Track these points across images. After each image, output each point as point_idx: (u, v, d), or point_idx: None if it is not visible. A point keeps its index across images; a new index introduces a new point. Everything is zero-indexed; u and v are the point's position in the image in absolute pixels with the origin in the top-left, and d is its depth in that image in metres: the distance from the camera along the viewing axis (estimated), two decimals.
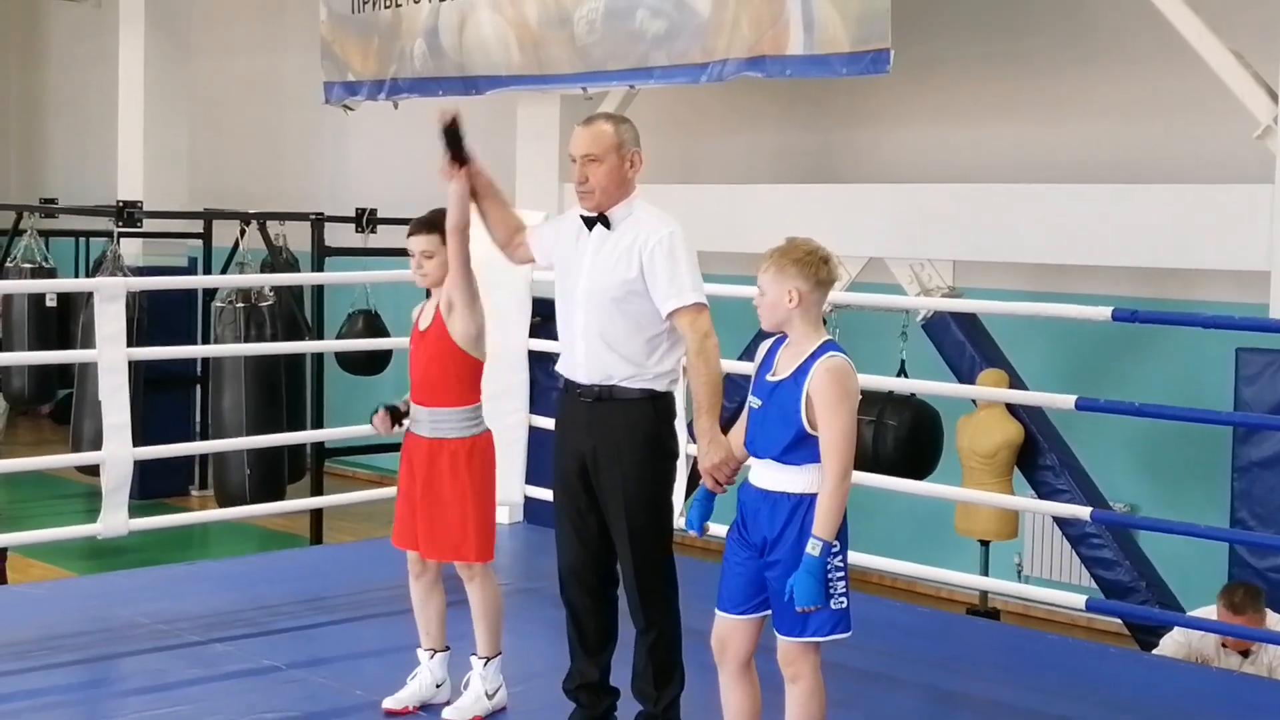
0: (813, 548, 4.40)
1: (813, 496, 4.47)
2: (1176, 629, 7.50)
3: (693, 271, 5.06)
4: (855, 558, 7.52)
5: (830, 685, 6.24)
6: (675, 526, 5.23)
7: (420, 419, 5.41)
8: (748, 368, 9.73)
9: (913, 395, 9.57)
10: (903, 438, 9.55)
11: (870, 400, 9.63)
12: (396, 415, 5.48)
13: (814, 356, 4.54)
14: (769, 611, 4.62)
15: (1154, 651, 7.59)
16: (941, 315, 9.63)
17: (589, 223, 5.12)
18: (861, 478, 7.91)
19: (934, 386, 8.92)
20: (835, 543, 4.44)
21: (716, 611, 4.71)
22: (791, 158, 12.26)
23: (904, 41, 9.15)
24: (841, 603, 4.53)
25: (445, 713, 5.42)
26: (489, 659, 5.48)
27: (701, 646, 4.92)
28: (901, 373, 9.58)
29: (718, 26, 9.87)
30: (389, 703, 5.49)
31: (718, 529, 7.99)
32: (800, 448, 4.49)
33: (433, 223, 5.39)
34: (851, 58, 9.16)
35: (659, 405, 5.10)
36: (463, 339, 5.32)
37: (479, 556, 5.37)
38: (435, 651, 5.56)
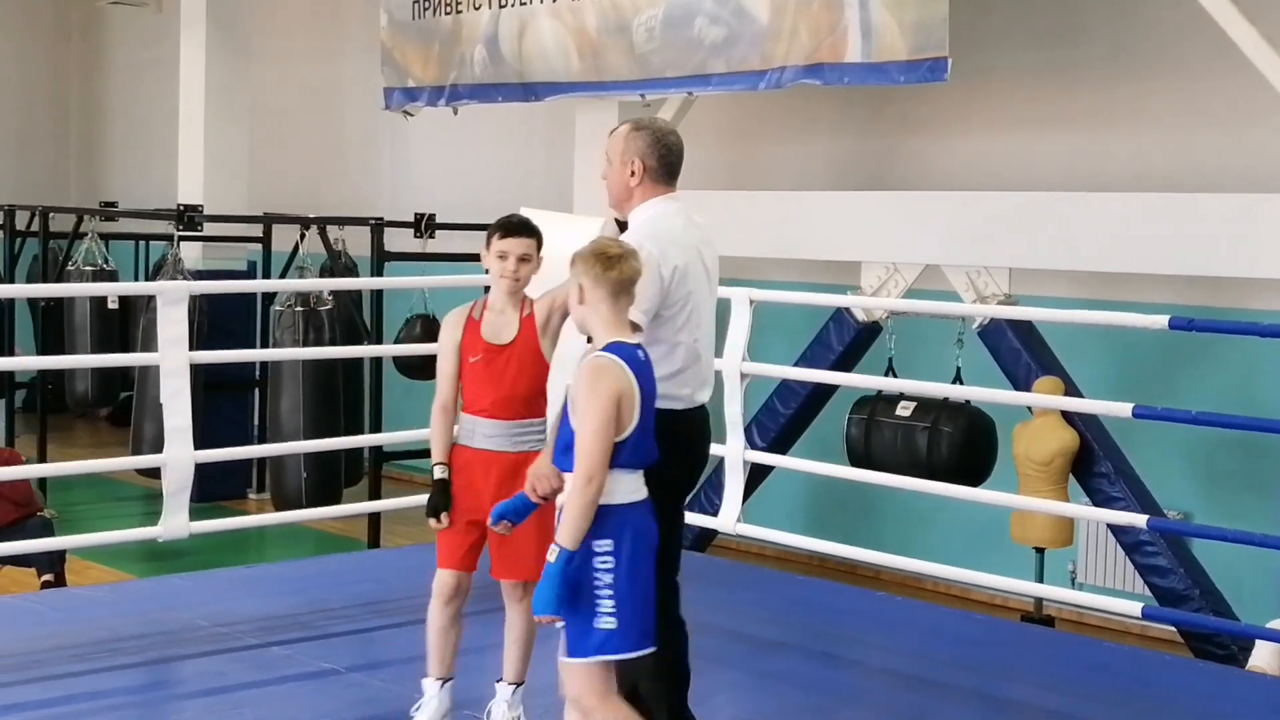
0: (551, 554, 4.26)
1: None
2: (1268, 642, 7.43)
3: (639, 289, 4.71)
4: (910, 564, 7.59)
5: (883, 692, 6.28)
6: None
7: (497, 433, 5.26)
8: (802, 374, 9.78)
9: (968, 402, 9.56)
10: (958, 444, 9.54)
11: (926, 407, 9.65)
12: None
13: None
14: None
15: (1248, 666, 7.50)
16: (997, 322, 9.61)
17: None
18: (917, 484, 7.94)
19: (990, 394, 8.92)
20: (602, 550, 4.29)
21: None
22: (848, 165, 12.26)
23: (961, 50, 9.14)
24: (609, 623, 4.29)
25: None
26: (518, 686, 5.38)
27: (731, 643, 4.94)
28: (957, 380, 9.57)
29: (776, 34, 9.89)
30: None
31: (756, 531, 8.04)
32: (570, 452, 4.37)
33: (532, 226, 5.30)
34: (909, 66, 9.17)
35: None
36: (549, 353, 5.28)
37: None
38: (445, 681, 5.38)
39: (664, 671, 4.87)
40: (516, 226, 5.30)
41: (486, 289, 5.46)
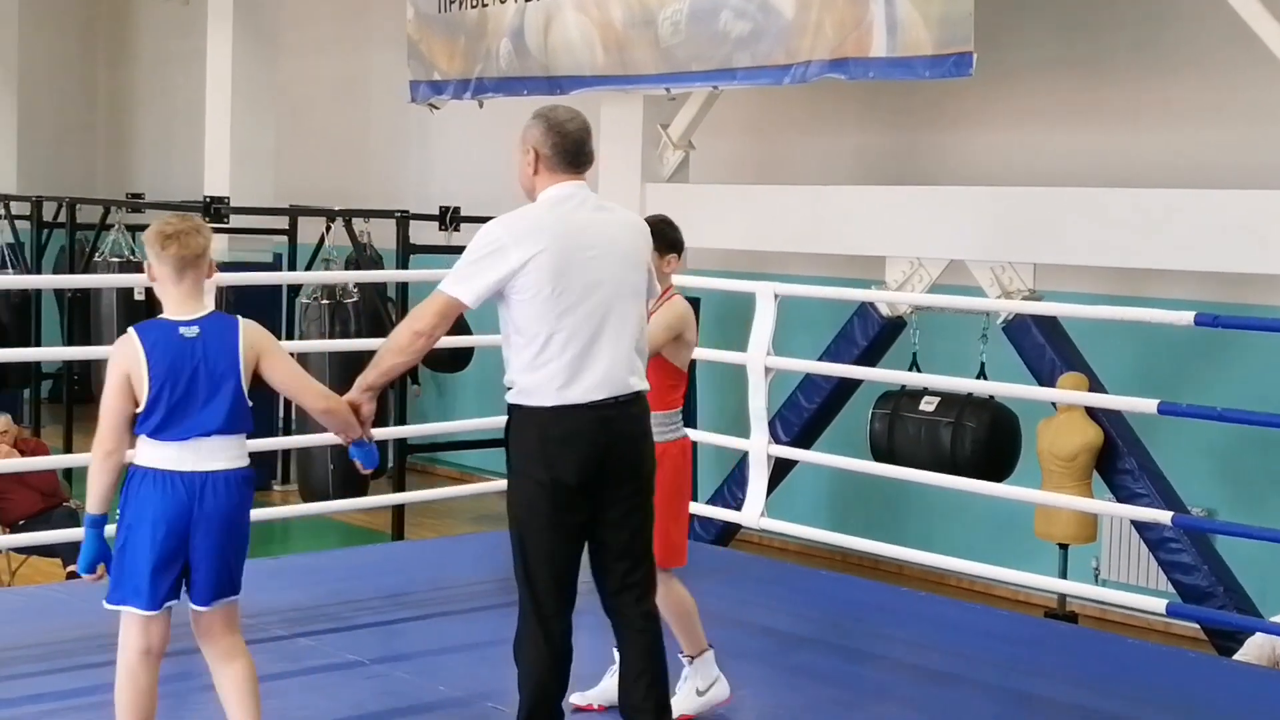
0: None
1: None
2: (1259, 634, 7.46)
3: (468, 263, 4.68)
4: (934, 559, 7.59)
5: (907, 687, 6.30)
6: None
7: None
8: (827, 368, 9.78)
9: (992, 398, 9.57)
10: (982, 440, 9.54)
11: (949, 402, 9.65)
12: None
13: None
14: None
15: (1236, 656, 7.56)
16: (1022, 318, 9.61)
17: None
18: (941, 479, 7.95)
19: (1014, 389, 8.91)
20: (120, 508, 4.62)
21: None
22: (873, 159, 12.26)
23: (986, 45, 9.14)
24: (112, 576, 4.68)
25: None
26: (694, 656, 5.46)
27: (756, 637, 4.95)
28: (981, 375, 9.57)
29: (801, 28, 9.90)
30: (577, 699, 5.41)
31: (780, 526, 8.05)
32: None
33: (656, 230, 5.18)
34: (934, 60, 9.17)
35: (511, 418, 4.80)
36: (672, 355, 5.32)
37: (659, 562, 5.14)
38: (691, 658, 5.48)
39: (537, 660, 4.77)
40: None
41: None
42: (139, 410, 4.56)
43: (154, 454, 4.58)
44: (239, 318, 4.71)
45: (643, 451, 4.84)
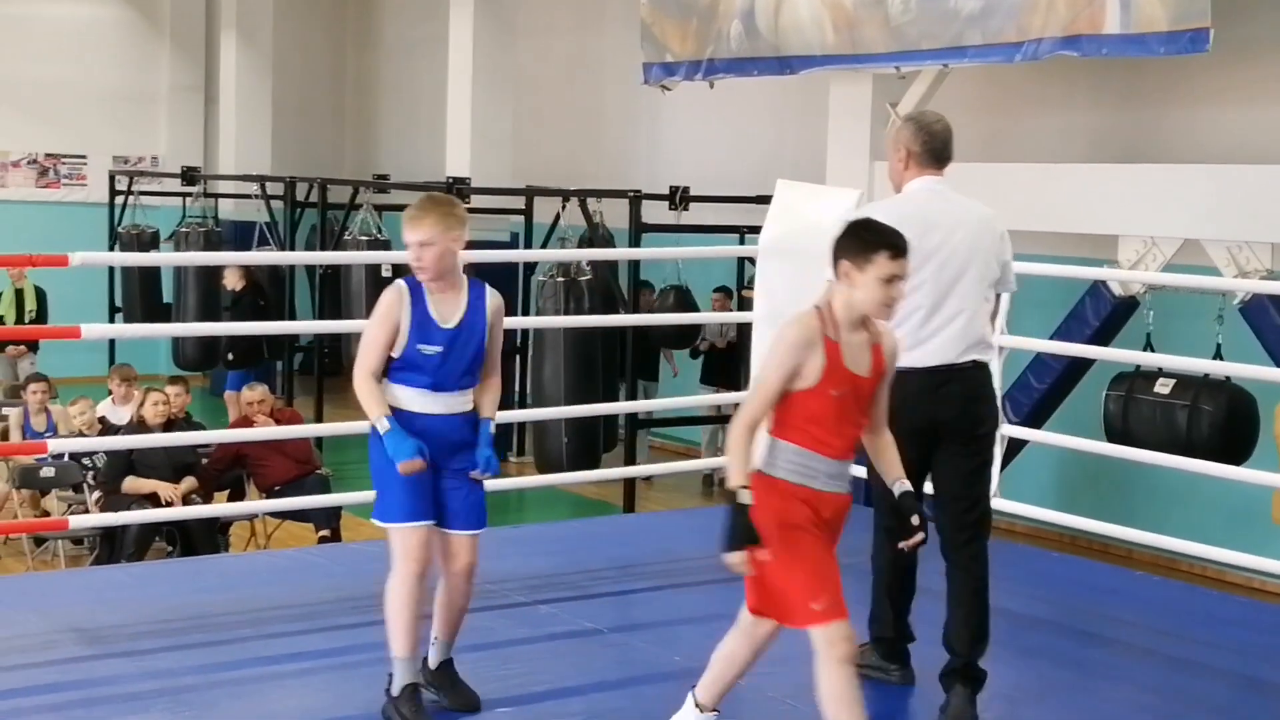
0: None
1: None
2: None
3: None
4: (1170, 542, 7.50)
5: (1142, 670, 6.31)
6: None
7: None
8: (1059, 347, 9.67)
9: (1228, 379, 9.45)
10: (1218, 423, 9.43)
11: (1185, 384, 9.55)
12: None
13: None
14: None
15: None
16: (1259, 298, 9.47)
17: None
18: (1175, 461, 7.88)
19: (1251, 370, 8.80)
20: None
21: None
22: (1104, 137, 12.14)
23: (1222, 20, 9.02)
24: None
25: None
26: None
27: (991, 618, 5.05)
28: (1217, 356, 9.46)
29: (1033, 5, 9.85)
30: None
31: (1012, 506, 8.03)
32: None
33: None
34: (1170, 36, 9.07)
35: None
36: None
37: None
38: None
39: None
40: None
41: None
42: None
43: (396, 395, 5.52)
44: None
45: (973, 413, 5.39)
